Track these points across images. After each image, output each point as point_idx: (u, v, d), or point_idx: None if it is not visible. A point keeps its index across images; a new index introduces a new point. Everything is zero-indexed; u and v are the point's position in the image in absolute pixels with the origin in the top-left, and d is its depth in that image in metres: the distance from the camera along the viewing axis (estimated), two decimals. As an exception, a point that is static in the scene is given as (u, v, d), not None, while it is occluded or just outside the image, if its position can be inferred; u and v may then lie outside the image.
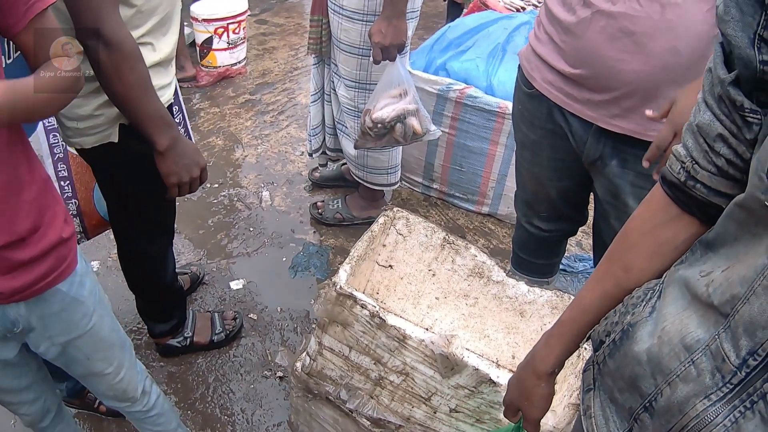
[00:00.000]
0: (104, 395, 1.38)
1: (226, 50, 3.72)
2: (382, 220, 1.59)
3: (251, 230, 2.63)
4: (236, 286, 2.34)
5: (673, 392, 0.61)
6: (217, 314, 2.11)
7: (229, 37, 3.69)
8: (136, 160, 1.36)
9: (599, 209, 1.54)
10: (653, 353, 0.64)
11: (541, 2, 1.25)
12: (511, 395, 0.95)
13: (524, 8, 3.08)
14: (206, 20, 3.60)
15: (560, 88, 1.35)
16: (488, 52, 2.50)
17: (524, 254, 1.90)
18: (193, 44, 3.84)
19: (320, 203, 2.68)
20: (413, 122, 2.01)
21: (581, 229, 1.82)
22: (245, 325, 2.17)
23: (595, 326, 0.80)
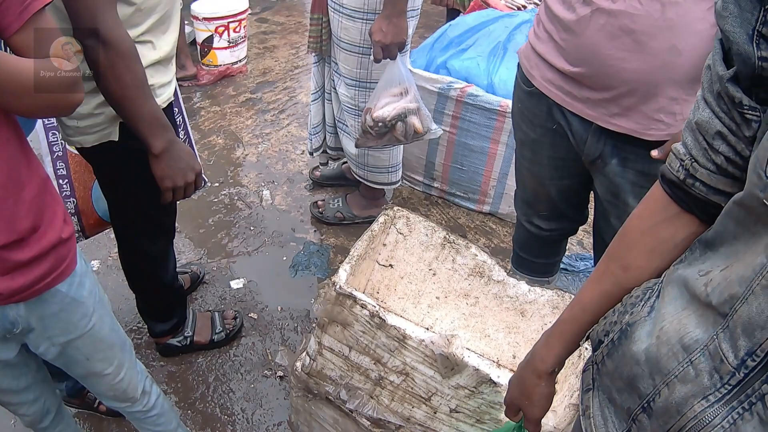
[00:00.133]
0: (104, 395, 1.37)
1: (226, 49, 3.72)
2: (382, 219, 1.59)
3: (252, 229, 2.62)
4: (236, 285, 2.34)
5: (671, 393, 0.61)
6: (217, 313, 2.11)
7: (229, 35, 3.69)
8: (136, 158, 1.35)
9: (599, 208, 1.53)
10: (651, 353, 0.63)
11: (541, 0, 1.25)
12: (511, 394, 0.94)
13: (525, 6, 3.08)
14: (207, 19, 3.61)
15: (560, 86, 1.35)
16: (489, 50, 2.49)
17: (525, 254, 1.89)
18: (193, 43, 3.84)
19: (321, 202, 2.68)
20: (414, 121, 2.00)
21: (582, 227, 1.82)
22: (245, 324, 2.17)
23: (594, 326, 0.80)
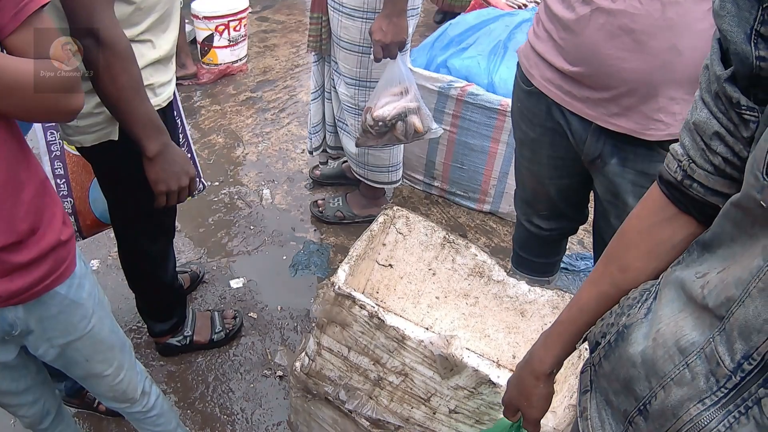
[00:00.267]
0: (104, 396, 1.37)
1: (227, 47, 3.72)
2: (381, 218, 1.59)
3: (252, 228, 2.62)
4: (236, 284, 2.34)
5: (667, 396, 0.60)
6: (217, 313, 2.11)
7: (230, 34, 3.69)
8: (136, 158, 1.35)
9: (599, 208, 1.52)
10: (648, 355, 0.63)
11: (541, -1, 1.25)
12: (510, 395, 0.94)
13: (526, 5, 3.07)
14: (207, 17, 3.60)
15: (559, 85, 1.34)
16: (490, 49, 2.48)
17: (524, 253, 1.89)
18: (194, 42, 3.84)
19: (321, 201, 2.67)
20: (414, 120, 2.00)
21: (583, 227, 1.81)
22: (245, 323, 2.17)
23: (591, 327, 0.80)
